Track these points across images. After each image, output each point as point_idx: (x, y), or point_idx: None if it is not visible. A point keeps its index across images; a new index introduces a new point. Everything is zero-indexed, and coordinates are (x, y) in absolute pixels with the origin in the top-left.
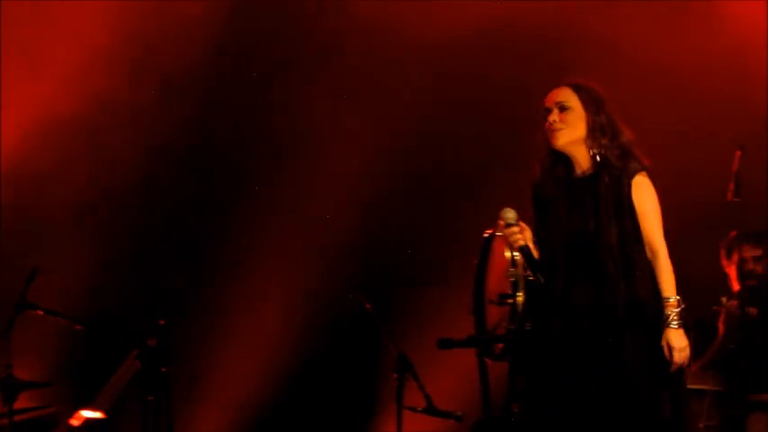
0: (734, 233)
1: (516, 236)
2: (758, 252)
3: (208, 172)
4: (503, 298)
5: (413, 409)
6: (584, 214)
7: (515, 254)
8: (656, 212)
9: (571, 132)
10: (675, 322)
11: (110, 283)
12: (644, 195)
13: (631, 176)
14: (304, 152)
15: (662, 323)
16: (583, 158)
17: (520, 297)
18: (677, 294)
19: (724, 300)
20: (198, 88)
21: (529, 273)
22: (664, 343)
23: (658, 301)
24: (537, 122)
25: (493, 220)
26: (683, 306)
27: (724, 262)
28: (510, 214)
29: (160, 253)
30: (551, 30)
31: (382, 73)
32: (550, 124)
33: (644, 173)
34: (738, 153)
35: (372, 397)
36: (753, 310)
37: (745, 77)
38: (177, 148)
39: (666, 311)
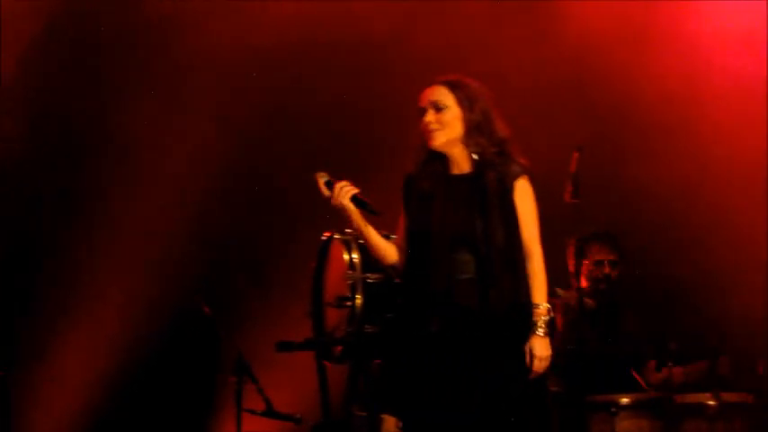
0: (589, 232)
1: (346, 187)
2: (613, 256)
3: (44, 174)
4: (341, 300)
5: (252, 412)
6: (469, 214)
7: (354, 256)
8: (534, 216)
9: (448, 132)
10: (542, 330)
11: None
12: (525, 198)
13: (514, 179)
14: (138, 156)
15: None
16: (460, 157)
17: (358, 299)
18: (546, 302)
19: (560, 291)
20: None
21: (368, 275)
22: (527, 349)
23: (522, 299)
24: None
25: (330, 224)
26: (551, 315)
27: (572, 260)
28: (322, 173)
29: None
30: (376, 33)
31: (205, 75)
32: (426, 125)
33: (526, 176)
34: (576, 154)
35: (211, 400)
36: (590, 302)
37: (584, 78)
38: (22, 150)
39: (534, 318)
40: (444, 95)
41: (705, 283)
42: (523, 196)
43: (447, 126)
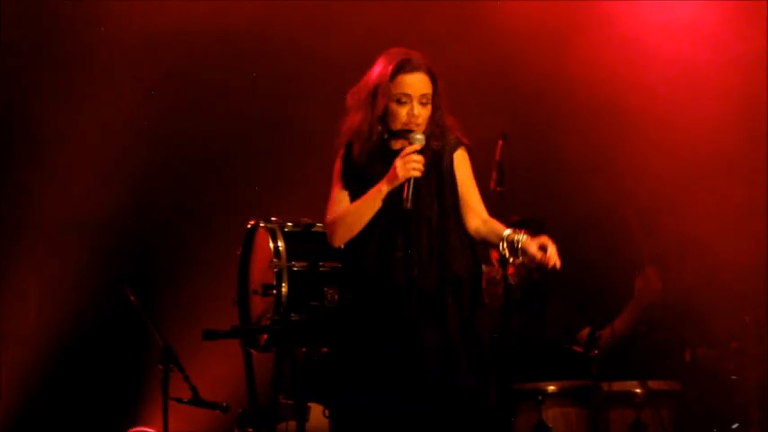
0: (514, 218)
1: (417, 164)
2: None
3: None
4: (267, 289)
5: (179, 401)
6: (402, 189)
7: (279, 244)
8: (474, 183)
9: (425, 124)
10: (523, 237)
11: None
12: (466, 166)
13: (453, 150)
14: (57, 146)
15: (516, 251)
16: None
17: (284, 288)
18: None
19: (483, 267)
20: None
21: (293, 263)
22: (534, 250)
23: (477, 274)
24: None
25: (254, 211)
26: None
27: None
28: (420, 137)
29: None
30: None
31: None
32: (415, 119)
33: (463, 147)
34: (500, 142)
35: (138, 389)
36: (513, 279)
37: (508, 66)
38: None
39: (512, 238)
40: (429, 87)
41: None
42: (464, 165)
43: (424, 122)
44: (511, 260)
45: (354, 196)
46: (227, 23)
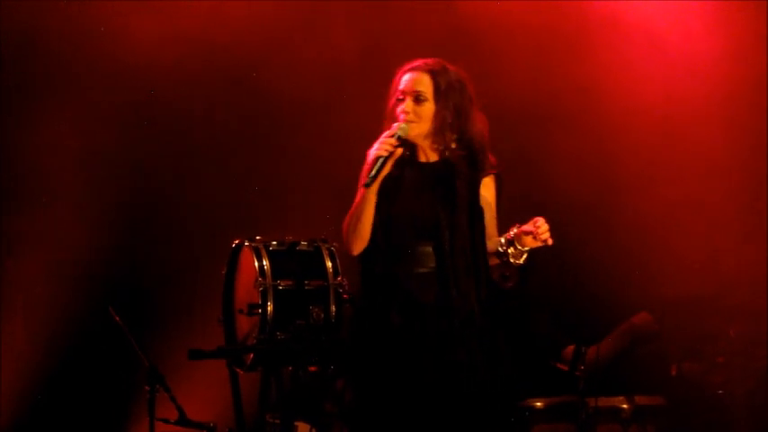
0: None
1: (386, 145)
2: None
3: None
4: (252, 308)
5: (165, 421)
6: (434, 203)
7: (264, 262)
8: (495, 209)
9: (422, 126)
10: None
11: None
12: (491, 192)
13: (482, 176)
14: (44, 162)
15: (513, 241)
16: (429, 148)
17: (269, 307)
18: None
19: None
20: None
21: (278, 282)
22: (527, 227)
23: (503, 303)
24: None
25: (239, 231)
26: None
27: None
28: (404, 127)
29: None
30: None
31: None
32: (404, 114)
33: (494, 176)
34: None
35: (125, 410)
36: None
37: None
38: None
39: (509, 236)
40: (426, 86)
41: (613, 276)
42: (489, 193)
43: (423, 120)
44: (512, 260)
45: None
46: (200, 45)
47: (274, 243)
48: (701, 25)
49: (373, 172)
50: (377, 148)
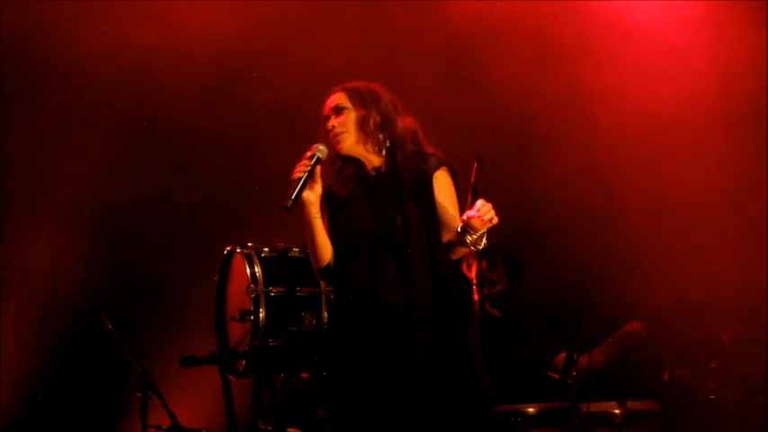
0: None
1: (304, 167)
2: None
3: None
4: (244, 314)
5: (158, 428)
6: (387, 211)
7: (256, 269)
8: (455, 202)
9: (352, 133)
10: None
11: None
12: (445, 187)
13: (432, 171)
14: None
15: (466, 228)
16: (372, 157)
17: (261, 313)
18: None
19: None
20: None
21: (270, 288)
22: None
23: (468, 299)
24: None
25: (232, 238)
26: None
27: (464, 268)
28: (323, 148)
29: None
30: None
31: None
32: (331, 130)
33: (445, 168)
34: (475, 165)
35: (117, 417)
36: (494, 311)
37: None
38: None
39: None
40: (342, 99)
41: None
42: (443, 186)
43: (349, 127)
44: (473, 247)
45: (329, 224)
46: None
47: (266, 250)
48: (700, 25)
49: (294, 195)
50: (295, 171)
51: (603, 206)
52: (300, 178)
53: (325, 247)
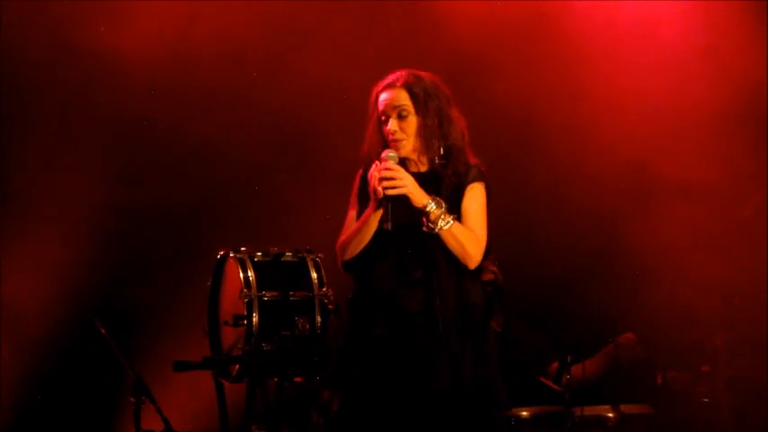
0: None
1: (389, 183)
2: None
3: None
4: (237, 319)
5: None
6: (420, 215)
7: (249, 273)
8: (482, 217)
9: (411, 141)
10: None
11: None
12: (474, 200)
13: (468, 183)
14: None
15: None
16: (418, 160)
17: (255, 318)
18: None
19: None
20: None
21: (263, 293)
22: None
23: (488, 306)
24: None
25: (225, 242)
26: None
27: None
28: (393, 155)
29: None
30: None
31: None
32: (393, 134)
33: (482, 183)
34: None
35: (110, 422)
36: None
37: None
38: None
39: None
40: (404, 99)
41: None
42: (473, 196)
43: (410, 133)
44: (433, 225)
45: (360, 208)
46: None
47: (259, 254)
48: (698, 25)
49: (387, 213)
50: (381, 189)
51: (598, 208)
52: (391, 197)
53: (365, 243)
